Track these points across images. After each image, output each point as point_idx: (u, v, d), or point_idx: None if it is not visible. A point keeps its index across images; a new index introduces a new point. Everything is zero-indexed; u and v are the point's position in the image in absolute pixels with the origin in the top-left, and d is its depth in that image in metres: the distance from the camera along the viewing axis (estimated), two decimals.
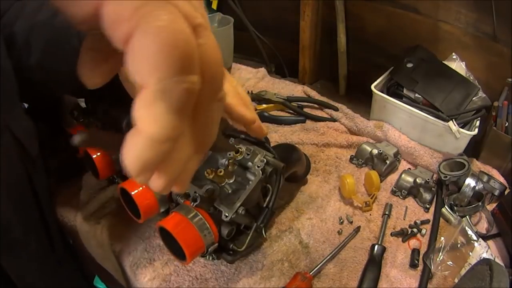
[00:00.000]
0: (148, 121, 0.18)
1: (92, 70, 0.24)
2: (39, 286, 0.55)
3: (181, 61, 0.18)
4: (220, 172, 0.53)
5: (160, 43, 0.18)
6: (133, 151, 0.19)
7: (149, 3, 0.18)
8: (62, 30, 0.56)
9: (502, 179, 0.81)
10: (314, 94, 1.05)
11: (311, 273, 0.64)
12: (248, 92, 1.05)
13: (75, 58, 0.24)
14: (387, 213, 0.75)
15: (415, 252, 0.69)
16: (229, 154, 0.56)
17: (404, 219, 0.76)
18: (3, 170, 0.47)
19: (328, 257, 0.67)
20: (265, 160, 0.58)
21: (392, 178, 0.84)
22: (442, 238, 0.69)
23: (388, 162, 0.83)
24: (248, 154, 0.57)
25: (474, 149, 0.87)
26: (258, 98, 1.03)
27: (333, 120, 0.98)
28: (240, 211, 0.54)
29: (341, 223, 0.75)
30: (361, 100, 1.02)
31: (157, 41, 0.17)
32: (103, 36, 0.19)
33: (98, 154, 0.67)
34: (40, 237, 0.57)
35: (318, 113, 1.01)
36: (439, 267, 0.65)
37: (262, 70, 1.16)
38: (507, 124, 0.80)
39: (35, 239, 0.56)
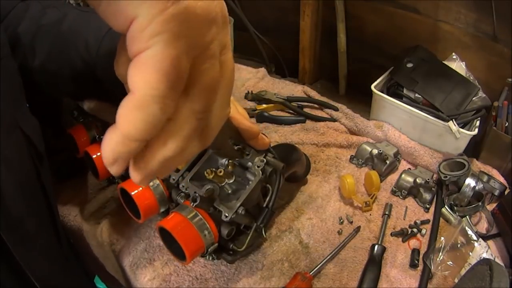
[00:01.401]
0: (125, 121, 0.23)
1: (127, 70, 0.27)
2: (51, 280, 0.56)
3: (166, 87, 0.23)
4: (220, 172, 0.53)
5: (157, 69, 0.22)
6: (109, 144, 0.24)
7: (165, 34, 0.22)
8: (69, 36, 0.57)
9: (502, 179, 0.81)
10: (314, 94, 1.05)
11: (311, 273, 0.64)
12: (248, 92, 1.05)
13: (79, 64, 0.26)
14: (387, 213, 0.75)
15: (415, 252, 0.69)
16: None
17: (404, 219, 0.76)
18: (16, 165, 0.49)
19: (328, 257, 0.68)
20: (265, 160, 0.57)
21: (392, 178, 0.84)
22: (442, 238, 0.69)
23: (388, 162, 0.83)
24: (248, 154, 0.57)
25: (474, 149, 0.87)
26: (258, 98, 1.03)
27: (333, 120, 0.98)
28: (240, 211, 0.54)
29: (341, 223, 0.75)
30: (361, 100, 1.02)
31: (156, 66, 0.22)
32: None
33: (98, 154, 0.67)
34: (49, 232, 0.58)
35: (318, 113, 1.01)
36: (439, 267, 0.65)
37: (262, 70, 1.16)
38: (507, 124, 0.80)
39: (45, 233, 0.57)
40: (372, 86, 0.89)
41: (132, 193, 0.58)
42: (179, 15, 0.22)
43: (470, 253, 0.66)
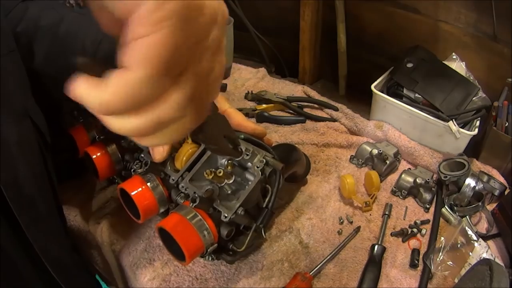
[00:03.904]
0: (112, 90, 0.23)
1: None
2: (61, 262, 0.59)
3: (163, 73, 0.23)
4: (220, 172, 0.54)
5: (159, 55, 0.22)
6: (84, 93, 0.24)
7: (173, 21, 0.22)
8: (66, 38, 0.57)
9: (502, 179, 0.81)
10: (314, 94, 1.05)
11: (311, 273, 0.64)
12: (248, 92, 1.05)
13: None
14: (387, 213, 0.75)
15: (415, 252, 0.69)
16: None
17: (404, 219, 0.76)
18: (26, 150, 0.52)
19: (328, 257, 0.68)
20: (264, 161, 0.57)
21: (392, 178, 0.84)
22: (442, 238, 0.69)
23: (388, 162, 0.83)
24: (247, 155, 0.57)
25: (474, 149, 0.87)
26: (258, 98, 1.03)
27: (333, 120, 0.98)
28: (240, 212, 0.54)
29: (341, 223, 0.75)
30: (361, 100, 1.02)
31: (159, 52, 0.22)
32: None
33: (98, 154, 0.67)
34: (57, 218, 0.61)
35: (318, 113, 1.01)
36: (439, 267, 0.65)
37: (262, 70, 1.16)
38: (507, 124, 0.80)
39: (54, 219, 0.60)
40: (372, 86, 0.89)
41: (132, 193, 0.58)
42: (189, 4, 0.23)
43: (470, 253, 0.66)
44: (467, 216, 0.73)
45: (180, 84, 0.25)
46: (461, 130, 0.80)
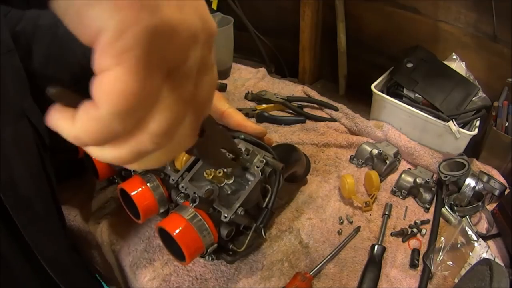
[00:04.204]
0: (82, 126, 0.22)
1: None
2: (58, 261, 0.59)
3: (132, 108, 0.21)
4: (219, 172, 0.54)
5: (124, 91, 0.20)
6: (57, 125, 0.23)
7: (136, 51, 0.20)
8: (66, 39, 0.57)
9: (502, 179, 0.81)
10: (314, 94, 1.05)
11: (311, 273, 0.64)
12: (248, 92, 1.05)
13: (77, 68, 0.25)
14: (387, 213, 0.75)
15: (415, 252, 0.69)
16: (228, 155, 0.56)
17: (404, 219, 0.76)
18: (24, 150, 0.52)
19: (328, 257, 0.67)
20: (264, 161, 0.57)
21: (392, 178, 0.84)
22: (442, 238, 0.69)
23: (388, 162, 0.83)
24: (247, 155, 0.57)
25: (474, 149, 0.87)
26: (258, 98, 1.03)
27: (333, 120, 0.98)
28: (240, 212, 0.54)
29: (341, 223, 0.75)
30: (361, 100, 1.02)
31: (123, 88, 0.20)
32: None
33: None
34: (56, 218, 0.61)
35: (318, 113, 1.01)
36: (439, 267, 0.65)
37: (262, 70, 1.16)
38: (507, 124, 0.80)
39: (53, 219, 0.60)
40: (372, 86, 0.89)
41: (132, 193, 0.58)
42: (154, 29, 0.20)
43: (470, 253, 0.66)
44: (467, 216, 0.73)
45: (157, 114, 0.23)
46: (461, 130, 0.80)
